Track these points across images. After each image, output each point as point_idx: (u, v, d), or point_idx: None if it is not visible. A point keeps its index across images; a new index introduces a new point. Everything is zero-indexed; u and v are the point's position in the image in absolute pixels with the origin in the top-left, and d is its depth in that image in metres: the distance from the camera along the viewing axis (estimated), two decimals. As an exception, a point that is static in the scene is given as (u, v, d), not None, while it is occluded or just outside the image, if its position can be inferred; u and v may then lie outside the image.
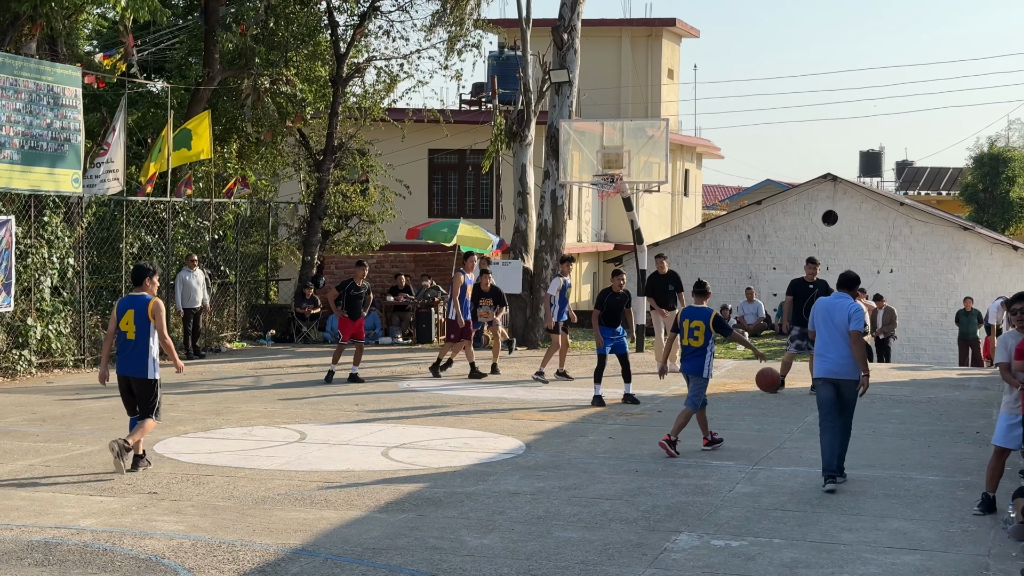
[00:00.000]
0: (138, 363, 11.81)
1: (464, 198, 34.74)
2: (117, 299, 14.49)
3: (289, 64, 25.67)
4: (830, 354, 11.76)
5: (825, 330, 11.84)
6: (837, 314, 11.79)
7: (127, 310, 11.82)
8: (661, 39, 43.18)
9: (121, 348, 11.88)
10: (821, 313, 11.96)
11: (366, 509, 10.48)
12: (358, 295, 19.13)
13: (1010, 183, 53.69)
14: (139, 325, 11.77)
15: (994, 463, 10.71)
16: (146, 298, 11.86)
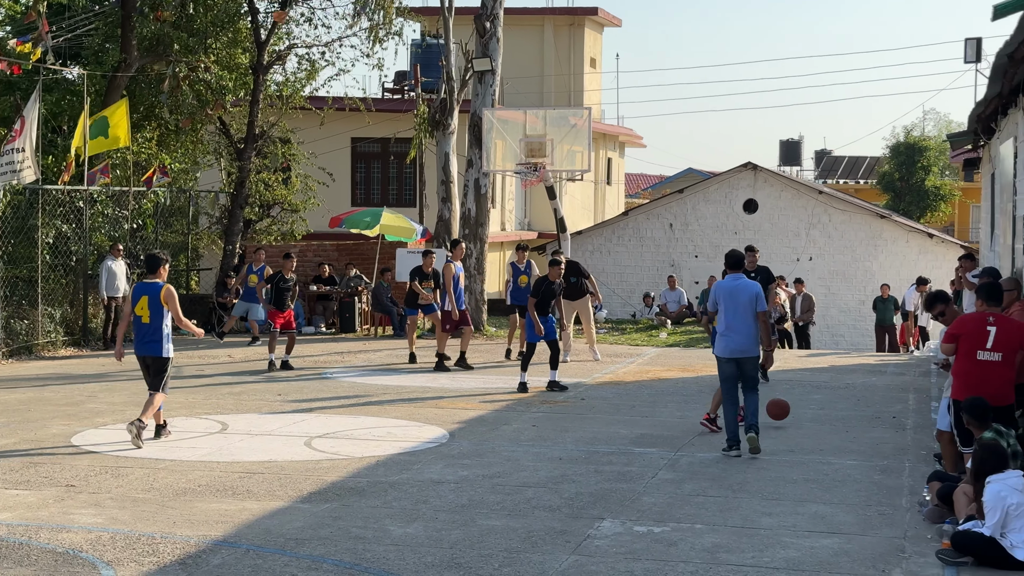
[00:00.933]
0: (154, 344, 12.83)
1: (387, 187, 34.59)
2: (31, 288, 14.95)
3: (208, 51, 25.34)
4: (735, 334, 12.49)
5: (730, 311, 12.51)
6: (741, 295, 12.49)
7: (141, 296, 12.82)
8: (583, 28, 43.29)
9: (137, 331, 12.91)
10: (724, 295, 12.63)
11: (289, 499, 10.41)
12: (286, 287, 19.52)
13: (925, 172, 54.66)
14: (153, 309, 12.76)
15: (944, 448, 11.10)
16: (159, 285, 12.84)
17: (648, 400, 16.35)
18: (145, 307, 12.77)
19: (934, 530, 9.55)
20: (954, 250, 33.11)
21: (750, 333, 12.48)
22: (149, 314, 12.78)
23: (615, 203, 46.44)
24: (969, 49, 20.31)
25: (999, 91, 13.23)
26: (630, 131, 48.32)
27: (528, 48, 41.99)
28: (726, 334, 12.56)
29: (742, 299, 12.50)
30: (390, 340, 24.33)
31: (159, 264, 13.04)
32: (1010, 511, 8.57)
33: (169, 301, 12.79)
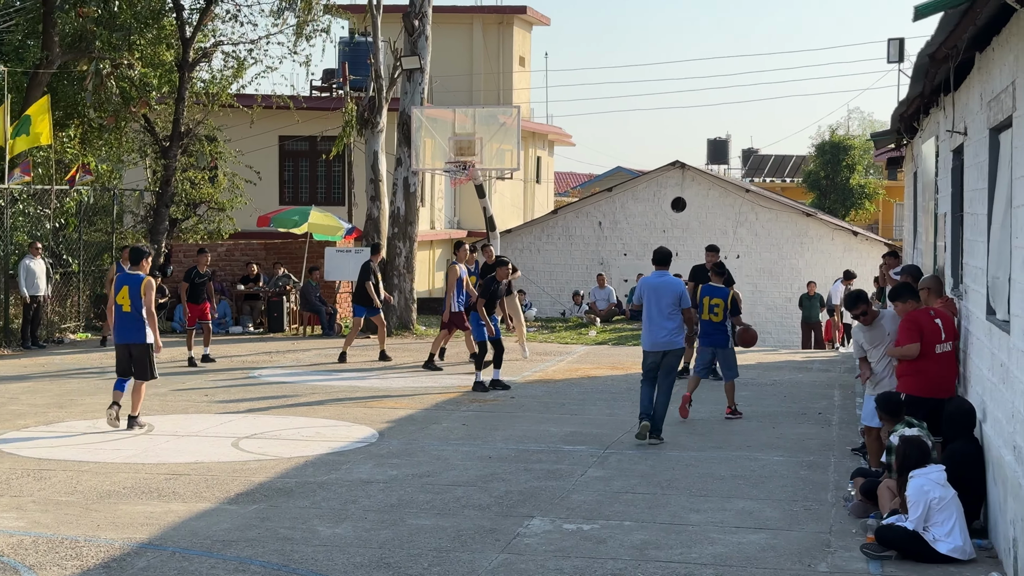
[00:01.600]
0: (136, 332, 13.46)
1: (316, 185, 34.36)
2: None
3: (133, 48, 25.00)
4: (659, 329, 13.02)
5: (655, 307, 13.04)
6: (666, 295, 13.02)
7: (123, 286, 13.42)
8: (512, 26, 43.30)
9: (118, 320, 13.51)
10: (648, 292, 13.16)
11: (216, 501, 10.31)
12: (202, 282, 19.93)
13: (850, 170, 55.30)
14: (134, 299, 13.40)
15: (869, 443, 11.38)
16: (140, 276, 13.45)
17: (578, 398, 16.40)
18: (126, 296, 13.37)
19: (859, 525, 9.67)
20: (878, 248, 33.57)
21: (672, 328, 13.00)
22: (130, 303, 13.39)
23: (544, 201, 46.51)
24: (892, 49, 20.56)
25: (921, 91, 13.42)
26: (559, 130, 48.42)
27: (457, 46, 41.92)
28: (650, 328, 13.07)
29: (666, 295, 13.00)
30: (319, 340, 24.18)
31: (142, 256, 13.65)
32: (932, 505, 8.70)
33: (147, 293, 13.38)
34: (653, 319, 13.02)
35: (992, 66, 9.35)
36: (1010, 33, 8.37)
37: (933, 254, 15.67)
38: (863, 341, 11.31)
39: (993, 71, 9.28)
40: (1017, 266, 7.99)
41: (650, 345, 13.07)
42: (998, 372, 8.85)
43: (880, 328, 11.21)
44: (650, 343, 13.07)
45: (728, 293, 15.29)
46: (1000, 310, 8.84)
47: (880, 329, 11.20)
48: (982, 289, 9.75)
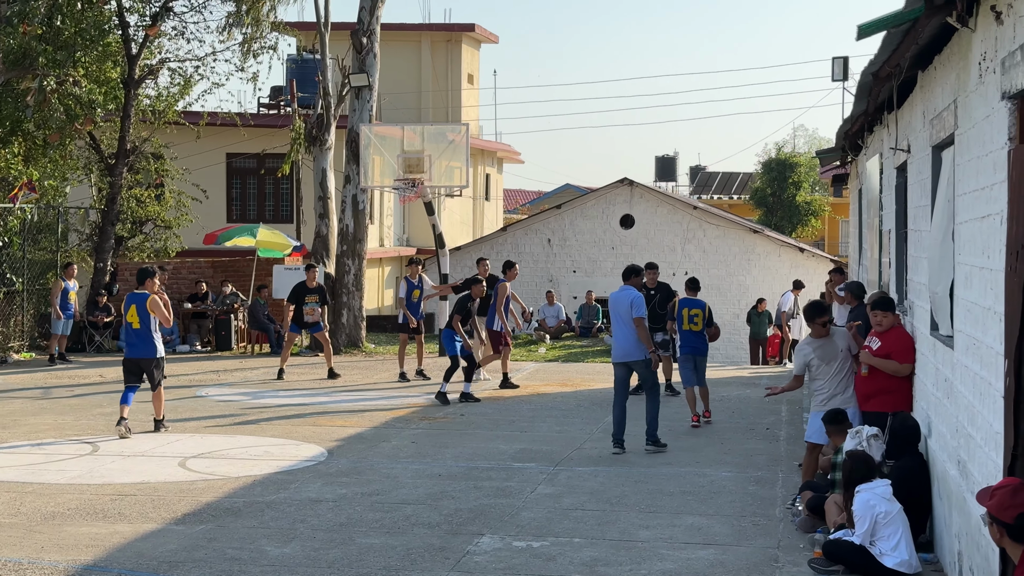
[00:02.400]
0: (145, 347, 14.40)
1: (264, 203, 34.22)
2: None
3: (77, 64, 24.79)
4: (621, 340, 13.61)
5: (616, 320, 13.69)
6: (621, 305, 13.58)
7: (131, 304, 14.37)
8: (461, 44, 43.38)
9: (128, 336, 14.62)
10: (611, 304, 13.80)
11: (162, 522, 10.20)
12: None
13: (796, 188, 55.82)
14: (142, 317, 14.34)
15: (808, 459, 11.38)
16: (146, 295, 14.35)
17: (527, 415, 16.40)
18: (135, 314, 14.31)
19: (806, 539, 9.73)
20: (824, 264, 33.88)
21: (631, 338, 13.50)
22: (139, 320, 14.33)
23: (494, 219, 46.57)
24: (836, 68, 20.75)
25: (865, 109, 13.57)
26: (508, 147, 48.53)
27: (405, 64, 41.93)
28: (614, 340, 13.85)
29: (622, 309, 13.56)
30: (267, 358, 24.03)
31: (147, 276, 14.54)
32: (879, 519, 8.76)
33: (155, 308, 14.31)
34: (616, 331, 13.79)
35: (934, 85, 9.48)
36: (951, 52, 8.49)
37: (878, 270, 15.83)
38: (813, 357, 11.18)
39: (935, 90, 9.41)
40: (960, 282, 8.09)
41: (617, 356, 13.76)
42: (942, 387, 8.94)
43: (833, 344, 11.17)
44: (616, 355, 13.79)
45: (705, 305, 16.07)
46: (943, 326, 8.94)
47: (833, 345, 11.16)
48: (926, 305, 9.85)
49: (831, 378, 11.12)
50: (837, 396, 11.07)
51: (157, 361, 14.54)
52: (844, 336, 11.25)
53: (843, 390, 11.04)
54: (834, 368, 11.11)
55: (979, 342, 7.33)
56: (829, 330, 11.27)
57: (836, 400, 11.03)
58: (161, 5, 26.14)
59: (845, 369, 11.08)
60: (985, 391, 7.10)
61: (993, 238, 6.81)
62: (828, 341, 11.18)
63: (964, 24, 7.38)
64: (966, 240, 7.83)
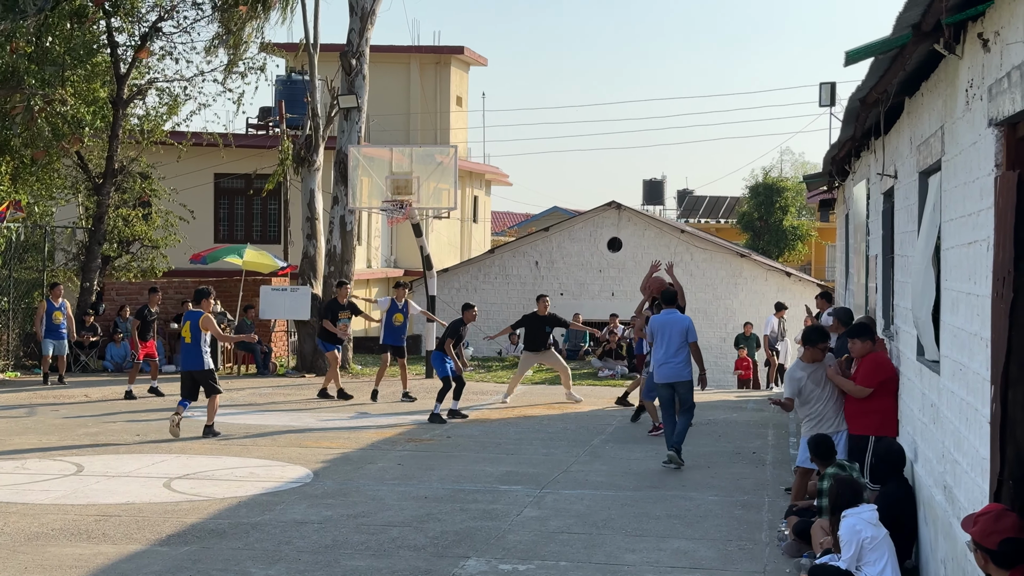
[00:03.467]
0: (195, 360, 15.82)
1: (251, 223, 34.20)
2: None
3: (66, 83, 24.78)
4: (670, 362, 14.10)
5: (663, 343, 14.16)
6: (674, 328, 14.14)
7: (186, 321, 15.78)
8: (450, 67, 43.50)
9: (182, 350, 16.03)
10: (658, 328, 14.27)
11: (146, 543, 10.16)
12: (152, 319, 20.96)
13: (783, 212, 55.96)
14: (193, 333, 15.73)
15: (798, 483, 11.46)
16: (199, 313, 15.74)
17: (514, 438, 16.37)
18: (188, 330, 15.69)
19: (792, 564, 9.72)
20: (811, 288, 33.93)
21: (681, 360, 14.10)
22: (191, 336, 15.70)
23: (481, 241, 46.60)
24: (824, 93, 20.89)
25: (852, 134, 13.63)
26: (496, 169, 48.60)
27: (394, 86, 42.00)
28: (659, 361, 14.20)
29: (675, 331, 14.14)
30: (253, 379, 23.97)
31: (202, 296, 15.88)
32: (865, 544, 8.76)
33: (207, 325, 15.65)
34: (664, 353, 14.18)
35: (921, 111, 9.53)
36: (939, 79, 8.54)
37: (865, 295, 15.87)
38: (808, 382, 11.19)
39: (922, 116, 9.46)
40: (947, 307, 8.12)
41: (660, 378, 14.26)
42: (928, 412, 8.96)
43: (823, 369, 11.26)
44: (660, 376, 14.26)
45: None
46: (929, 351, 8.97)
47: (823, 370, 11.25)
48: (912, 330, 9.88)
49: (824, 401, 11.17)
50: (828, 420, 11.09)
51: (207, 372, 15.85)
52: (831, 361, 11.30)
53: (835, 414, 11.08)
54: (827, 392, 11.16)
55: (965, 368, 7.35)
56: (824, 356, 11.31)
57: (827, 423, 11.05)
58: (150, 26, 26.17)
59: (837, 392, 11.12)
60: (971, 416, 7.11)
61: (980, 264, 6.84)
62: (821, 365, 11.24)
63: (951, 51, 7.42)
64: (953, 266, 7.86)
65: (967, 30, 7.18)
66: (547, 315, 20.10)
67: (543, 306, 20.12)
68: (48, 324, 22.25)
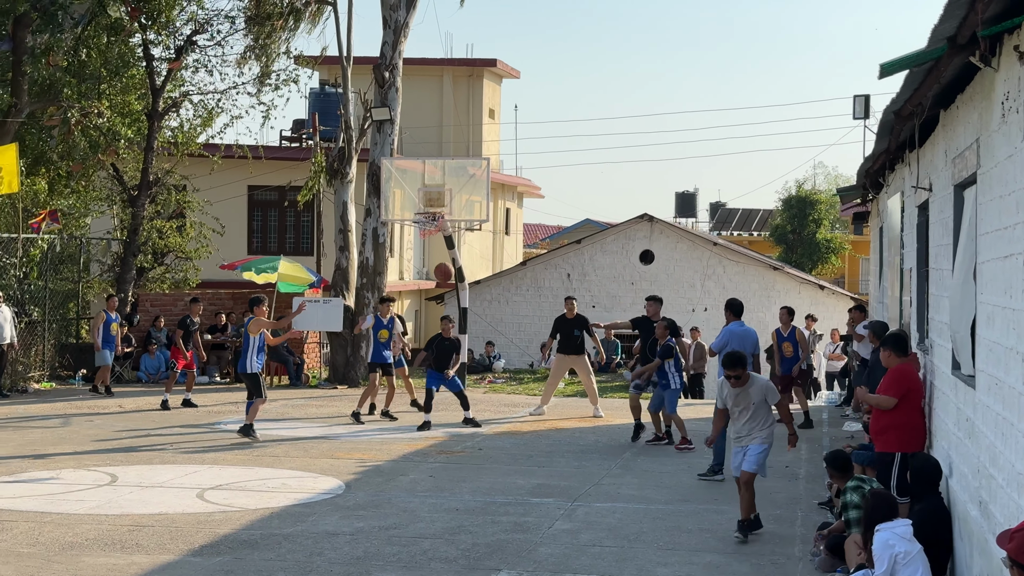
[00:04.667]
0: (241, 363, 16.77)
1: (284, 235, 34.34)
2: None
3: (102, 97, 25.00)
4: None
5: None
6: (748, 340, 14.54)
7: (241, 328, 17.09)
8: (482, 79, 43.58)
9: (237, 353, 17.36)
10: (735, 339, 14.57)
11: (179, 553, 10.20)
12: (194, 329, 21.08)
13: (816, 225, 55.70)
14: (245, 337, 16.71)
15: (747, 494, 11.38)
16: (249, 319, 16.70)
17: (545, 450, 16.35)
18: (241, 336, 16.86)
19: (826, 579, 9.66)
20: (844, 301, 33.77)
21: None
22: (242, 341, 16.86)
23: (513, 253, 46.62)
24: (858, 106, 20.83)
25: (886, 147, 13.57)
26: (528, 182, 48.63)
27: (427, 98, 42.12)
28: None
29: (748, 343, 14.51)
30: (286, 390, 24.06)
31: (255, 304, 16.86)
32: (898, 559, 8.69)
33: (254, 328, 16.50)
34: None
35: (956, 124, 9.48)
36: (974, 91, 8.49)
37: (899, 308, 15.78)
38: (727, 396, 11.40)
39: (957, 128, 9.41)
40: (982, 321, 8.06)
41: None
42: (964, 427, 8.89)
43: (746, 395, 11.27)
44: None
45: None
46: (965, 365, 8.90)
47: (746, 395, 11.27)
48: (947, 344, 9.81)
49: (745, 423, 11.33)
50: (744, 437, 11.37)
51: (251, 376, 16.60)
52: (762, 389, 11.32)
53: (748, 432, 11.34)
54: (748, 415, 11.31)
55: (1001, 382, 7.29)
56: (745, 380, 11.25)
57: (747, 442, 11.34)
58: (185, 39, 26.37)
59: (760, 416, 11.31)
60: (1007, 432, 7.05)
61: (1015, 277, 6.79)
62: (744, 392, 11.28)
63: (987, 64, 7.38)
64: (988, 279, 7.81)
65: (1003, 43, 7.14)
66: (575, 317, 19.97)
67: (569, 308, 20.07)
68: (105, 335, 22.37)
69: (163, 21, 25.59)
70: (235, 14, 26.85)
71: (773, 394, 11.42)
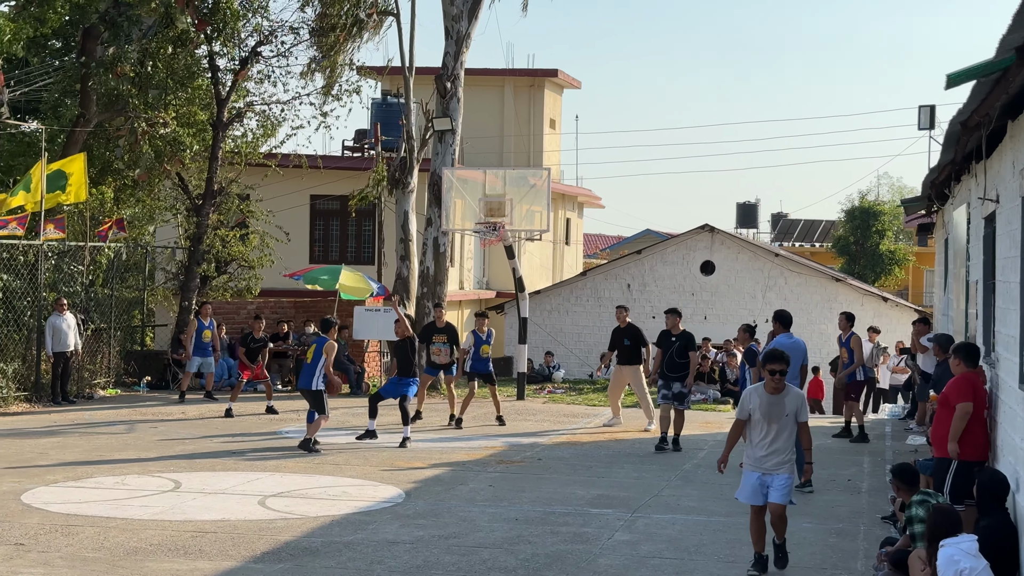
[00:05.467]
0: (308, 380, 16.91)
1: (346, 244, 34.57)
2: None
3: (168, 107, 25.32)
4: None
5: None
6: (797, 352, 14.21)
7: (312, 345, 17.22)
8: (543, 89, 43.64)
9: (302, 369, 17.19)
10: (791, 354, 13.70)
11: (241, 560, 10.29)
12: (257, 347, 21.25)
13: (880, 236, 55.21)
14: (315, 355, 16.93)
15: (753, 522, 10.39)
16: (324, 339, 17.01)
17: (605, 460, 16.32)
18: (311, 353, 16.97)
19: (889, 594, 9.55)
20: (908, 314, 33.41)
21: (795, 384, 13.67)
22: (311, 358, 16.92)
23: (573, 263, 46.60)
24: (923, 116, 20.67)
25: (952, 158, 13.44)
26: (589, 192, 48.60)
27: (488, 108, 42.24)
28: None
29: (796, 355, 14.08)
30: (347, 398, 24.18)
31: (329, 326, 17.18)
32: (963, 575, 8.58)
33: (328, 352, 16.82)
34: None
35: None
36: (1042, 102, 8.39)
37: (964, 321, 15.59)
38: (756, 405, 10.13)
39: (1025, 139, 9.29)
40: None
41: None
42: (1031, 441, 8.77)
43: (780, 404, 10.16)
44: None
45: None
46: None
47: (780, 405, 10.15)
48: (1015, 357, 9.68)
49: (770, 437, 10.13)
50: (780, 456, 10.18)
51: (314, 393, 16.84)
52: (796, 398, 10.24)
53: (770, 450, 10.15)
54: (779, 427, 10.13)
55: (1070, 397, 7.18)
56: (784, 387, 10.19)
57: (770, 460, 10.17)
58: (250, 50, 26.65)
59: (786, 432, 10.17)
60: (1076, 447, 6.95)
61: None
62: (778, 401, 10.17)
63: (1056, 74, 7.30)
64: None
65: (1073, 53, 7.05)
66: (625, 327, 19.81)
67: (620, 318, 19.95)
68: (197, 342, 22.61)
69: (228, 32, 25.88)
70: (299, 25, 27.12)
71: (805, 410, 10.24)
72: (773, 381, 10.09)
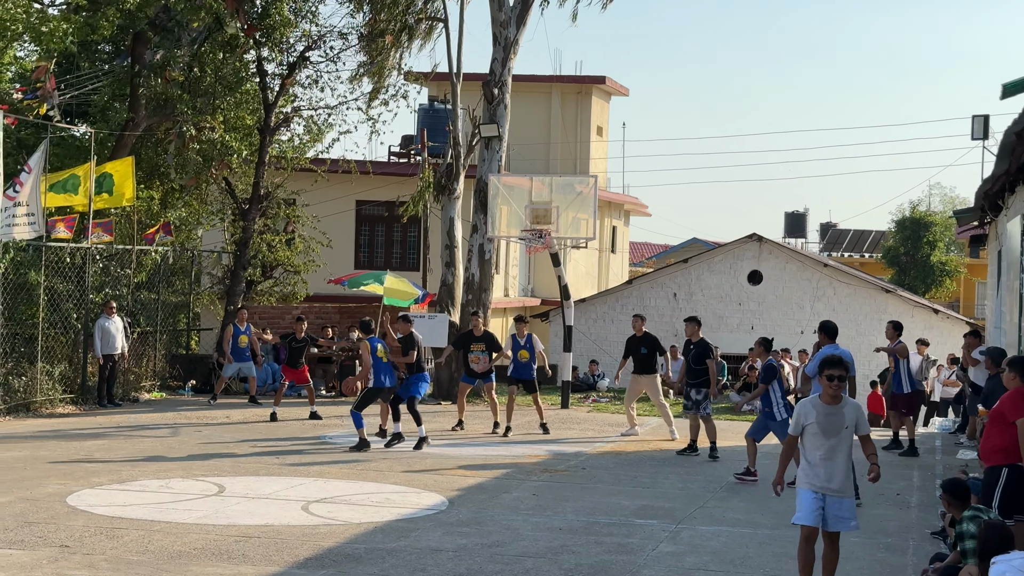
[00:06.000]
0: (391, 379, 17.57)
1: (391, 250, 34.63)
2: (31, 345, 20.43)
3: (216, 112, 25.44)
4: None
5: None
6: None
7: (379, 345, 17.64)
8: (591, 96, 43.54)
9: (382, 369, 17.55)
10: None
11: (285, 565, 10.25)
12: (299, 347, 21.18)
13: (931, 247, 54.67)
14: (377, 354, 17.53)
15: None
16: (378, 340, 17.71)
17: (650, 470, 16.19)
18: (381, 351, 17.52)
19: (940, 611, 9.37)
20: (959, 326, 33.01)
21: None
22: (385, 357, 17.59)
23: (619, 271, 46.45)
24: (976, 126, 20.42)
25: (1007, 168, 13.24)
26: (635, 200, 48.44)
27: (535, 115, 42.20)
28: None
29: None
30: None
31: (367, 327, 17.80)
32: (1017, 593, 8.40)
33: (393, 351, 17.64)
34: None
35: (1083, 144, 9.17)
36: (1103, 111, 8.20)
37: (1017, 334, 15.35)
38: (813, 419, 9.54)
39: (1084, 149, 9.10)
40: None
41: None
42: (1088, 458, 8.58)
43: (839, 415, 9.55)
44: None
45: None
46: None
47: (839, 417, 9.55)
48: (1071, 372, 9.49)
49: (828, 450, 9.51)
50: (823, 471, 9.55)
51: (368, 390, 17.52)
52: (854, 408, 9.61)
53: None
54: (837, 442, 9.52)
55: None
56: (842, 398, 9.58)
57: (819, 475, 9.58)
58: (299, 55, 26.74)
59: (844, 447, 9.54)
60: None
61: None
62: (837, 412, 9.56)
63: (1118, 82, 7.12)
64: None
65: None
66: (641, 336, 19.59)
67: (636, 326, 19.74)
68: (234, 347, 22.66)
69: (277, 38, 25.98)
70: (348, 31, 27.18)
71: (865, 423, 9.58)
72: (832, 388, 9.40)
